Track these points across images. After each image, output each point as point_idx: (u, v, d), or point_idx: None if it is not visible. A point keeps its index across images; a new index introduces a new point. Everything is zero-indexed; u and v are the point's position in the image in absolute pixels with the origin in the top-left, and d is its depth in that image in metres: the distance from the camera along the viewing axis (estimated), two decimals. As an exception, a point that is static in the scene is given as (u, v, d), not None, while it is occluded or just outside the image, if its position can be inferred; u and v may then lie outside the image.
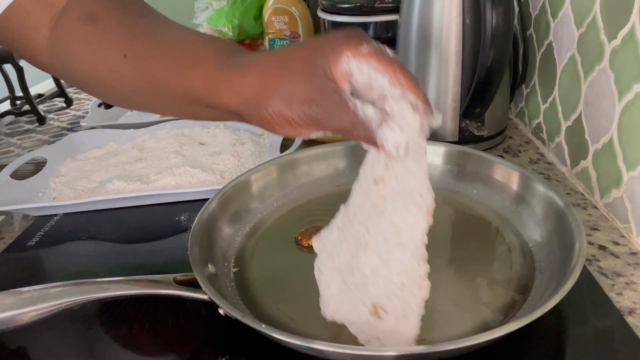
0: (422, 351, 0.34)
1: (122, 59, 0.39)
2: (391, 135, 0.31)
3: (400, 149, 0.31)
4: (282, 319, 0.41)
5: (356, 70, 0.32)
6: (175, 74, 0.38)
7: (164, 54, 0.39)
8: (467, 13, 0.62)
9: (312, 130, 0.34)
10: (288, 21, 1.13)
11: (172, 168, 0.67)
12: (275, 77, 0.33)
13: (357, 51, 0.32)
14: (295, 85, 0.33)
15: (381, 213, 0.36)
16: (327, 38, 0.34)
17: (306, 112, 0.32)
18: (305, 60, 0.33)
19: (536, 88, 0.72)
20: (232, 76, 0.35)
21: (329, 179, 0.60)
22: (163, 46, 0.39)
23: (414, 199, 0.34)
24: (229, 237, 0.50)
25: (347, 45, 0.32)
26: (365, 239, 0.36)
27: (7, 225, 0.63)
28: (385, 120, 0.31)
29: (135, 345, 0.42)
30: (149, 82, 0.40)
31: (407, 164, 0.34)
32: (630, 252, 0.49)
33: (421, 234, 0.34)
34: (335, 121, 0.32)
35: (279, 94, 0.33)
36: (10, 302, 0.38)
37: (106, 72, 0.41)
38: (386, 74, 0.32)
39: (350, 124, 0.32)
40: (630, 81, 0.48)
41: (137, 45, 0.40)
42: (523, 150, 0.71)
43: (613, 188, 0.53)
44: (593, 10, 0.54)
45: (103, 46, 0.40)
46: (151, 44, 0.40)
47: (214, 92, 0.36)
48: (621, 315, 0.40)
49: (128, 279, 0.41)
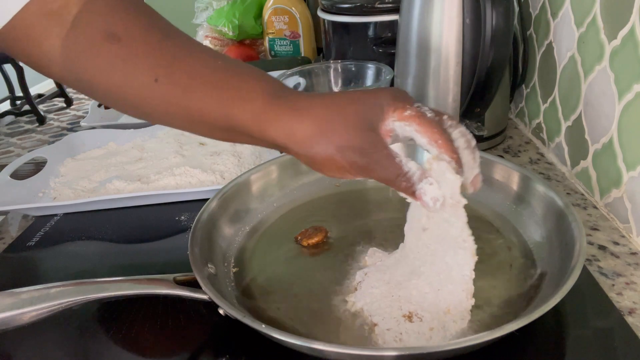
0: (422, 351, 0.34)
1: (152, 83, 0.39)
2: (430, 190, 0.35)
3: (437, 203, 0.36)
4: (282, 319, 0.41)
5: (399, 129, 0.37)
6: (218, 106, 0.39)
7: (203, 86, 0.39)
8: (467, 13, 0.62)
9: (357, 176, 0.37)
10: (288, 21, 1.13)
11: (172, 168, 0.67)
12: (330, 127, 0.36)
13: (401, 115, 0.36)
14: (349, 137, 0.36)
15: (434, 253, 0.40)
16: (377, 95, 0.37)
17: (357, 161, 0.36)
18: (358, 114, 0.36)
19: (536, 88, 0.72)
20: (285, 117, 0.37)
21: (329, 179, 0.59)
22: (201, 77, 0.39)
23: (459, 243, 0.39)
24: (229, 237, 0.50)
25: (393, 108, 0.36)
26: (420, 270, 0.41)
27: (7, 225, 0.63)
28: (425, 176, 0.36)
29: (135, 345, 0.42)
30: (184, 109, 0.40)
31: (446, 217, 0.38)
32: (630, 252, 0.49)
33: (470, 271, 0.39)
34: (382, 171, 0.36)
35: (334, 142, 0.36)
36: (10, 302, 0.38)
37: (132, 95, 0.40)
38: (425, 135, 0.36)
39: (394, 175, 0.36)
40: (630, 81, 0.48)
41: (171, 69, 0.39)
42: (523, 150, 0.71)
43: (613, 188, 0.53)
44: (593, 10, 0.54)
45: (129, 67, 0.39)
46: (188, 72, 0.39)
47: (263, 128, 0.38)
48: (621, 315, 0.40)
49: (128, 279, 0.41)
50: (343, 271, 0.46)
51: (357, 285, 0.43)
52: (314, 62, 1.07)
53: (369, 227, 0.52)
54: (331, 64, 0.84)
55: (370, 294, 0.42)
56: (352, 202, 0.57)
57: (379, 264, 0.45)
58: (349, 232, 0.51)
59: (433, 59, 0.65)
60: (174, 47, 0.40)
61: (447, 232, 0.39)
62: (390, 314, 0.39)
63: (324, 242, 0.50)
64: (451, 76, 0.65)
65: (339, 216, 0.54)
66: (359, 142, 0.35)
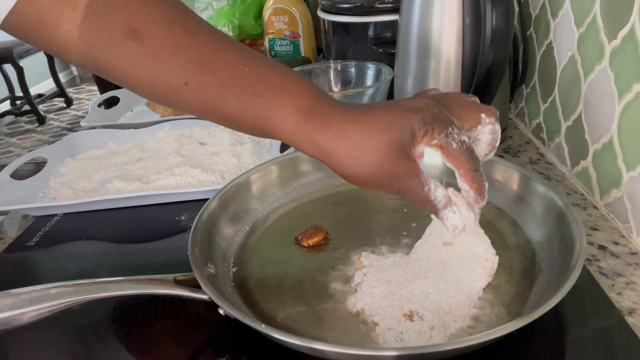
0: (422, 351, 0.34)
1: (182, 86, 0.39)
2: (452, 217, 0.39)
3: (456, 230, 0.39)
4: (282, 318, 0.41)
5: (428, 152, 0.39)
6: (251, 117, 0.39)
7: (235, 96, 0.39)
8: (467, 13, 0.62)
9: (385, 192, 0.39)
10: (288, 21, 1.13)
11: (172, 168, 0.67)
12: (364, 156, 0.37)
13: (430, 143, 0.38)
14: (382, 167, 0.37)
15: (446, 266, 0.43)
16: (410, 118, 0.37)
17: (390, 186, 0.38)
18: (391, 144, 0.37)
19: (536, 88, 0.72)
20: (319, 136, 0.38)
21: (329, 179, 0.60)
22: (232, 85, 0.39)
23: (480, 261, 0.42)
24: (229, 237, 0.50)
25: (423, 133, 0.37)
26: (426, 274, 0.43)
27: (7, 225, 0.64)
28: (450, 204, 0.39)
29: (135, 345, 0.42)
30: (217, 112, 0.40)
31: (471, 238, 0.42)
32: (630, 252, 0.49)
33: (481, 287, 0.41)
34: (412, 196, 0.38)
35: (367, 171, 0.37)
36: (10, 302, 0.38)
37: (163, 92, 0.40)
38: (451, 163, 0.38)
39: (422, 201, 0.39)
40: (630, 81, 0.48)
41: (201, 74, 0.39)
42: (523, 150, 0.71)
43: (613, 188, 0.53)
44: (593, 10, 0.54)
45: (157, 67, 0.39)
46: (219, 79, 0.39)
47: (298, 144, 0.39)
48: (621, 315, 0.40)
49: (128, 279, 0.41)
50: (343, 271, 0.46)
51: (356, 286, 0.43)
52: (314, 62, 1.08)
53: (369, 227, 0.52)
54: (331, 64, 0.84)
55: (370, 294, 0.42)
56: (353, 202, 0.57)
57: (376, 264, 0.45)
58: (349, 232, 0.51)
59: (433, 59, 0.65)
60: (199, 47, 0.39)
61: (471, 251, 0.42)
62: (391, 313, 0.40)
63: (324, 242, 0.50)
64: (451, 76, 0.65)
65: (339, 216, 0.54)
66: (393, 171, 0.37)
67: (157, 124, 0.82)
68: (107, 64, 0.40)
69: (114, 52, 0.39)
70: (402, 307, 0.40)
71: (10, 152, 3.30)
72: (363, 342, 0.38)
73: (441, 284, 0.41)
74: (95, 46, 0.39)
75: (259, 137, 0.75)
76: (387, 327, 0.38)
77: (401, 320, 0.39)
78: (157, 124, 0.82)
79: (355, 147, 0.37)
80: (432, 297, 0.40)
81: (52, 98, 3.98)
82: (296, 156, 0.60)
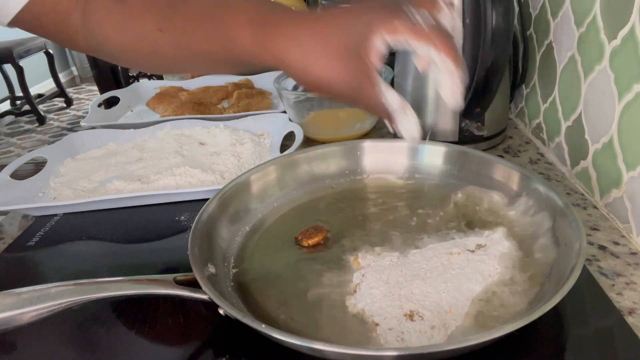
0: (422, 351, 0.34)
1: (158, 34, 0.42)
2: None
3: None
4: (282, 319, 0.41)
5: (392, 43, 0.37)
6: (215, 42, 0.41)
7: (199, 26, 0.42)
8: (467, 13, 0.62)
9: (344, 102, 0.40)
10: (288, 21, 1.12)
11: (172, 168, 0.67)
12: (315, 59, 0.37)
13: (392, 31, 0.36)
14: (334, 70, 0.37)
15: (448, 268, 0.43)
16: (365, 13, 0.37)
17: (343, 92, 0.38)
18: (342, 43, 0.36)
19: (536, 88, 0.72)
20: (273, 44, 0.38)
21: (329, 179, 0.60)
22: (197, 19, 0.42)
23: (484, 274, 0.43)
24: (228, 237, 0.50)
25: (382, 26, 0.36)
26: (425, 275, 0.43)
27: (7, 225, 0.64)
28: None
29: (135, 345, 0.42)
30: (189, 50, 0.43)
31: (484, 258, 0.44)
32: (630, 252, 0.49)
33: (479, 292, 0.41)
34: (365, 101, 0.38)
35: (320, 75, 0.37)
36: (10, 302, 0.38)
37: (143, 47, 0.44)
38: (423, 44, 0.36)
39: (375, 106, 0.38)
40: (630, 81, 0.48)
41: (171, 18, 0.42)
42: (523, 150, 0.71)
43: (613, 188, 0.53)
44: (593, 10, 0.54)
45: (136, 22, 0.43)
46: (185, 18, 0.42)
47: (255, 55, 0.40)
48: (621, 315, 0.40)
49: (128, 279, 0.41)
50: (343, 271, 0.46)
51: (356, 287, 0.43)
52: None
53: (369, 227, 0.52)
54: (331, 64, 0.84)
55: (370, 294, 0.42)
56: (352, 202, 0.57)
57: (373, 265, 0.45)
58: (349, 232, 0.51)
59: (433, 59, 0.65)
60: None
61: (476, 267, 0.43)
62: (391, 313, 0.40)
63: (324, 242, 0.50)
64: (451, 76, 0.65)
65: (339, 216, 0.54)
66: (344, 74, 0.37)
67: (157, 124, 0.82)
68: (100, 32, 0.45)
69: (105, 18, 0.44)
70: (402, 307, 0.40)
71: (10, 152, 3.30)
72: (363, 342, 0.38)
73: (441, 285, 0.42)
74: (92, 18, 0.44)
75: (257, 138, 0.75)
76: (388, 327, 0.38)
77: (402, 320, 0.39)
78: (157, 124, 0.82)
79: (308, 51, 0.37)
80: (431, 297, 0.41)
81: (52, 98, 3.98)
82: (296, 156, 0.60)
